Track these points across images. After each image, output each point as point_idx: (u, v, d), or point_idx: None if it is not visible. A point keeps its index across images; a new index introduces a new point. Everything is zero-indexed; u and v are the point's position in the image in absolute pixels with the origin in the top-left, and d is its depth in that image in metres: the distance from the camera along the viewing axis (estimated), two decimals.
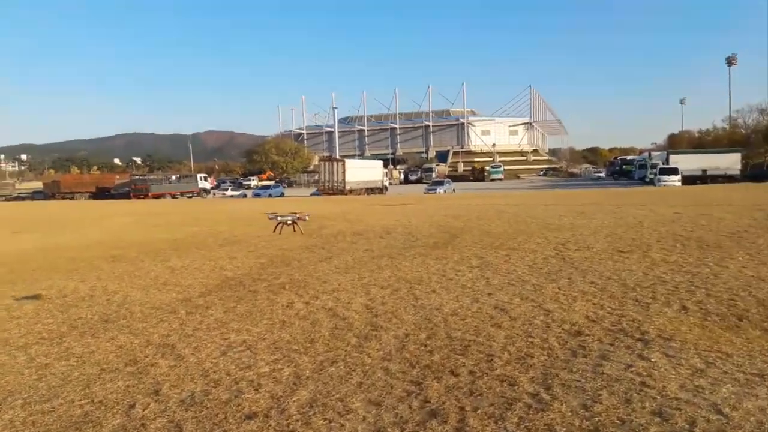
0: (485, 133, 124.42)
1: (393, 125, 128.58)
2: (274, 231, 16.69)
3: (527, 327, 5.94)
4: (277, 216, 17.32)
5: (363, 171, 59.31)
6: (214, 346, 5.65)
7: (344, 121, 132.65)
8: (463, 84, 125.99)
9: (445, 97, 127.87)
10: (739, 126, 70.08)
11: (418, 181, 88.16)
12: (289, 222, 17.19)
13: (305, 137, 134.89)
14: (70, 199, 63.64)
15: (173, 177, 69.04)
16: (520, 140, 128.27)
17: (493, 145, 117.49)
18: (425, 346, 5.41)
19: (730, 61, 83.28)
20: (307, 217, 17.45)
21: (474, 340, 5.54)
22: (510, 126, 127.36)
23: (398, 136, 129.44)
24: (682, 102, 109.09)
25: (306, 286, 8.51)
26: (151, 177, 71.94)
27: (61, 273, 10.68)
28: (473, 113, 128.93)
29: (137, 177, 71.54)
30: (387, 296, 7.59)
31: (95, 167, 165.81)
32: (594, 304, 6.83)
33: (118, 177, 71.98)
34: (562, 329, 5.82)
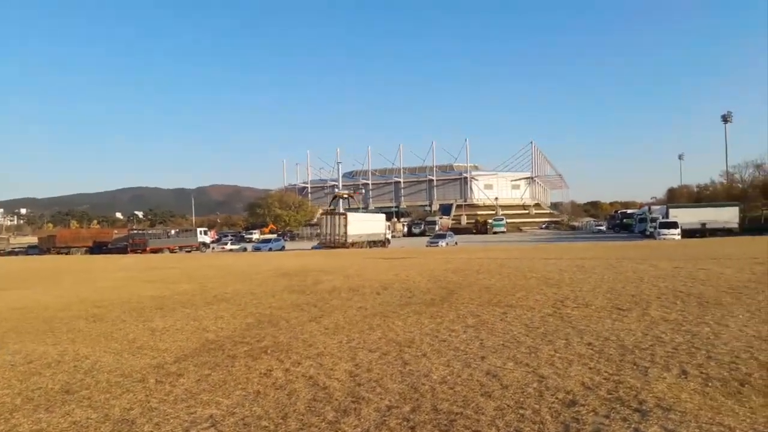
0: (488, 187, 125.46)
1: (397, 179, 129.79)
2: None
3: (519, 396, 5.51)
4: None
5: (365, 224, 59.21)
6: (177, 422, 5.20)
7: (348, 175, 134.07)
8: (466, 140, 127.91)
9: (449, 152, 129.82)
10: (736, 181, 70.47)
11: (422, 234, 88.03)
12: (345, 196, 20.08)
13: (309, 191, 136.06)
14: (66, 254, 63.31)
15: (172, 231, 68.90)
16: (522, 194, 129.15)
17: (496, 198, 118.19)
18: (408, 420, 4.99)
19: (725, 119, 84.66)
20: (363, 191, 19.95)
21: (461, 413, 5.11)
22: (512, 180, 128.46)
23: (402, 190, 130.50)
24: (680, 157, 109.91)
25: (289, 350, 8.09)
26: (150, 231, 71.85)
27: (34, 335, 10.24)
28: (476, 168, 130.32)
29: (135, 231, 71.44)
30: (374, 361, 7.16)
31: (95, 221, 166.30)
32: (590, 368, 6.40)
33: (116, 231, 71.86)
34: (556, 398, 5.40)
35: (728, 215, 54.08)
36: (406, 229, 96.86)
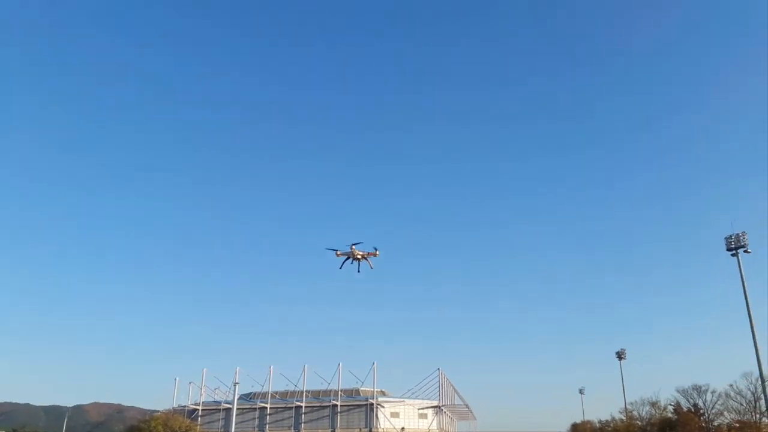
0: (394, 415, 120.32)
1: (299, 403, 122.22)
2: (341, 267, 17.76)
3: None
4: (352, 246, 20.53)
5: None
6: None
7: (246, 397, 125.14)
8: (373, 363, 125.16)
9: (355, 375, 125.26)
10: (635, 418, 72.05)
11: None
12: (359, 257, 21.73)
13: (200, 413, 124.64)
14: None
15: None
16: (430, 424, 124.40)
17: (402, 429, 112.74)
18: None
19: (619, 356, 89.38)
20: (378, 253, 21.55)
21: None
22: (419, 409, 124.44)
23: (303, 416, 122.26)
24: (581, 392, 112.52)
25: None
26: None
27: None
28: (383, 393, 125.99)
29: None
30: None
31: None
32: None
33: None
34: None
35: None
36: None
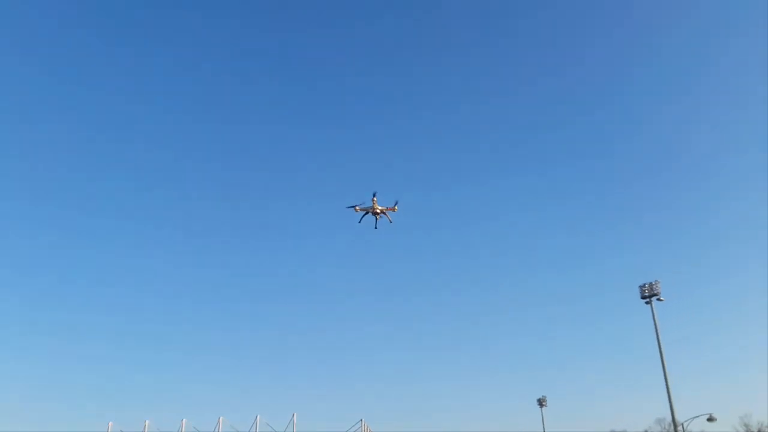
0: None
1: None
2: (360, 222, 19.02)
3: None
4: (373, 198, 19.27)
5: None
6: None
7: None
8: (293, 415, 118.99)
9: (273, 427, 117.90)
10: None
11: None
12: (379, 211, 19.63)
13: None
14: None
15: None
16: None
17: None
18: None
19: (541, 403, 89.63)
20: (396, 208, 19.90)
21: None
22: None
23: None
24: None
25: None
26: None
27: None
28: None
29: None
30: None
31: None
32: None
33: None
34: None
35: None
36: None
